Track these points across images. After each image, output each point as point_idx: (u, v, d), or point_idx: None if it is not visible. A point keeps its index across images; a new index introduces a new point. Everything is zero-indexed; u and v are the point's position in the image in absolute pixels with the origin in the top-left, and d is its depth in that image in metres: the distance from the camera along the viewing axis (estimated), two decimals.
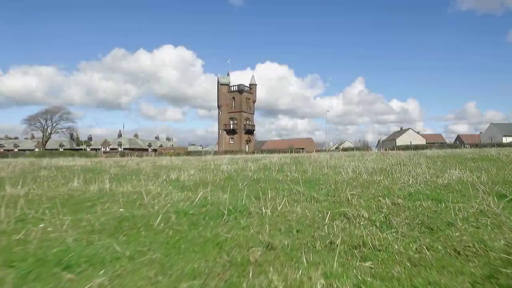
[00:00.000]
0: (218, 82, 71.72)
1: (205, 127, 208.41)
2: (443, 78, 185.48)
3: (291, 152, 56.74)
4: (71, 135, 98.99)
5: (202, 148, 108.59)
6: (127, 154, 57.01)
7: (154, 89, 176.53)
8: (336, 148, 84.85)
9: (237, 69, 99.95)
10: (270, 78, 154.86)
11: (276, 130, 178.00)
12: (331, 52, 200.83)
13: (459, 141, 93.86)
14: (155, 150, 76.22)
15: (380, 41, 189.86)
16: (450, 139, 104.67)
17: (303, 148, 72.59)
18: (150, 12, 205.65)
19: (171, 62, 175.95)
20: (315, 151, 57.89)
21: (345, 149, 50.14)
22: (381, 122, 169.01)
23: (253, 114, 73.80)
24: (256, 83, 74.66)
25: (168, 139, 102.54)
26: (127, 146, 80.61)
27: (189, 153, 53.15)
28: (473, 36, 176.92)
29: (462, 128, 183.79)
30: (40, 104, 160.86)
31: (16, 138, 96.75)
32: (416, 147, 45.17)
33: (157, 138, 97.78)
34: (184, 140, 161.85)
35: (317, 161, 11.92)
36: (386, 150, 40.60)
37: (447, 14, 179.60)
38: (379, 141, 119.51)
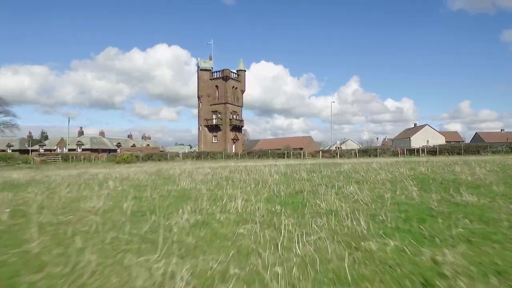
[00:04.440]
0: (197, 67, 58.05)
1: None
2: (437, 77, 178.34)
3: (287, 155, 43.60)
4: (45, 134, 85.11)
5: (190, 147, 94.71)
6: (72, 157, 42.95)
7: (148, 88, 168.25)
8: (337, 148, 71.70)
9: (233, 68, 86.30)
10: (265, 78, 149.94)
11: (271, 130, 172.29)
12: (326, 52, 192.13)
13: (479, 139, 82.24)
14: (116, 151, 62.19)
15: (375, 41, 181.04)
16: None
17: (301, 148, 59.71)
18: (143, 11, 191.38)
19: (166, 61, 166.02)
20: (321, 152, 44.84)
21: (364, 151, 37.02)
22: (376, 121, 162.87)
23: (241, 106, 60.30)
24: (245, 69, 61.21)
25: (144, 137, 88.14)
26: (88, 146, 66.29)
27: (150, 156, 39.37)
28: (467, 36, 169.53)
29: (457, 128, 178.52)
30: (32, 103, 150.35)
31: None
32: (468, 148, 32.44)
33: (129, 136, 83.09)
34: (182, 139, 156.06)
35: None
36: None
37: (441, 14, 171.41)
38: (384, 139, 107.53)
